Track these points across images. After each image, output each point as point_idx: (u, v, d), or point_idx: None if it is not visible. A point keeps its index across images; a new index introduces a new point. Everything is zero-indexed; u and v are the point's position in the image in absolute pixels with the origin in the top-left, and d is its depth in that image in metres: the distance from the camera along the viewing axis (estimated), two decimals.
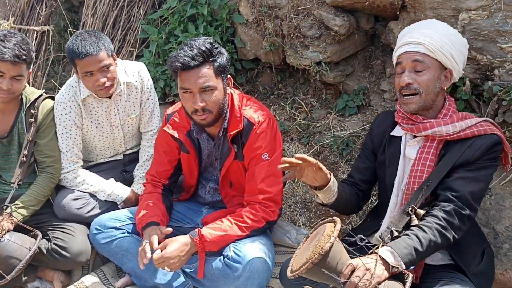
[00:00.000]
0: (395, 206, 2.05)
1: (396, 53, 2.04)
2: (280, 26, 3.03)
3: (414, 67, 1.95)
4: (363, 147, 2.26)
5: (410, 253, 1.73)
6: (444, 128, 1.93)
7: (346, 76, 3.05)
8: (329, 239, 1.62)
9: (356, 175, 2.22)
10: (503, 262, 2.31)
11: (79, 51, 2.36)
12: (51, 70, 4.04)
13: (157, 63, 3.43)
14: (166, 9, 3.36)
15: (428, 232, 1.78)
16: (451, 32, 2.01)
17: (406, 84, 1.95)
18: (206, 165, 2.44)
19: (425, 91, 1.94)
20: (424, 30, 1.98)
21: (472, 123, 1.93)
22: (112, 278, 2.46)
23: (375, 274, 1.63)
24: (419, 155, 1.99)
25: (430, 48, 1.92)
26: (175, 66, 2.09)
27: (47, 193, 2.52)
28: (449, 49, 1.94)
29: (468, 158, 1.88)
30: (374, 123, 2.24)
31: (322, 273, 1.64)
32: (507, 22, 2.17)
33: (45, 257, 2.39)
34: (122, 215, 2.44)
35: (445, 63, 1.95)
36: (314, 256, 1.60)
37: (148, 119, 2.76)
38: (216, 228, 2.16)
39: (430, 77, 1.93)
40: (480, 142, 1.89)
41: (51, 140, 2.56)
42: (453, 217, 1.82)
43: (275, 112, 3.28)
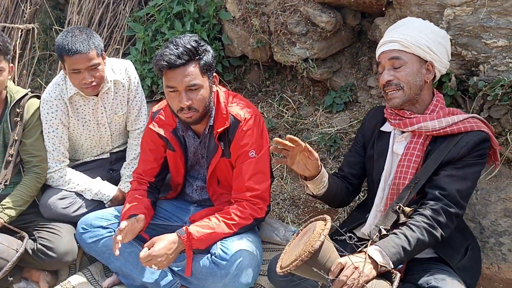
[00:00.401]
0: (381, 201, 2.07)
1: (377, 54, 2.08)
2: (267, 23, 3.03)
3: (392, 64, 1.99)
4: (354, 141, 2.28)
5: (398, 252, 1.74)
6: (430, 123, 1.94)
7: (333, 73, 3.06)
8: (319, 237, 1.62)
9: (346, 169, 2.25)
10: (489, 256, 2.33)
11: (69, 47, 2.34)
12: (37, 68, 3.99)
13: (143, 61, 3.40)
14: (153, 6, 3.34)
15: (416, 231, 1.79)
16: (426, 25, 2.04)
17: (386, 81, 1.99)
18: (193, 163, 2.43)
19: (406, 85, 1.97)
20: (399, 28, 2.03)
21: (459, 119, 1.94)
22: (99, 277, 2.44)
23: (363, 273, 1.64)
24: (406, 151, 2.00)
25: (405, 43, 1.96)
26: (160, 65, 2.07)
27: (34, 193, 2.49)
28: (425, 41, 1.96)
29: (455, 155, 1.89)
30: (366, 118, 2.27)
31: (311, 271, 1.65)
32: (491, 18, 2.18)
33: (31, 258, 2.37)
34: (108, 214, 2.42)
35: (423, 56, 1.98)
36: (304, 254, 1.61)
37: (135, 117, 2.74)
38: (203, 226, 2.15)
39: (408, 71, 1.97)
40: (467, 139, 1.90)
41: (38, 139, 2.53)
42: (441, 215, 1.83)
43: (263, 109, 3.28)
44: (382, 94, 2.82)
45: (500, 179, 2.38)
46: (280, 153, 1.88)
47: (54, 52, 3.92)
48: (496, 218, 2.35)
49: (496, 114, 2.38)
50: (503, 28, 2.21)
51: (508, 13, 2.16)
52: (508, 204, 2.33)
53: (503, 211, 2.34)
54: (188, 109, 2.11)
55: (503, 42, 2.23)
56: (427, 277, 1.82)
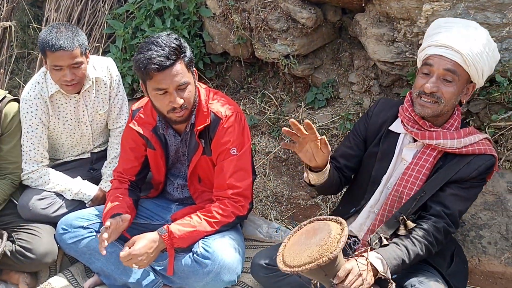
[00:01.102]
0: (376, 203, 2.04)
1: (428, 51, 1.91)
2: (247, 19, 3.01)
3: (444, 75, 1.84)
4: (354, 133, 2.16)
5: (398, 265, 1.76)
6: (449, 142, 1.89)
7: (314, 69, 3.06)
8: (338, 243, 1.58)
9: (343, 161, 2.15)
10: (469, 249, 2.36)
11: (53, 43, 2.30)
12: (15, 67, 3.92)
13: (124, 59, 3.36)
14: (132, 3, 3.30)
15: (417, 245, 1.81)
16: (491, 46, 1.91)
17: (430, 91, 1.85)
18: (174, 161, 2.41)
19: (445, 103, 1.87)
20: (464, 38, 1.85)
21: (475, 140, 1.91)
22: (80, 278, 2.41)
23: (366, 280, 1.66)
24: (415, 160, 1.96)
25: (467, 61, 1.82)
26: (150, 69, 1.99)
27: (7, 197, 2.47)
28: (483, 65, 1.86)
29: (464, 176, 1.89)
30: (373, 111, 2.13)
31: (320, 275, 1.63)
32: (469, 13, 2.20)
33: (9, 260, 2.33)
34: (89, 214, 2.39)
35: (473, 77, 1.88)
36: (322, 259, 1.56)
37: (116, 115, 2.71)
38: (185, 224, 2.14)
39: (456, 90, 1.86)
40: (479, 162, 1.88)
41: (15, 146, 2.47)
42: (441, 234, 1.85)
43: (245, 106, 3.27)
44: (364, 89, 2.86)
45: None
46: (291, 136, 1.76)
47: (33, 51, 3.85)
48: (476, 212, 2.38)
49: (474, 108, 2.41)
50: (480, 23, 2.21)
51: (485, 8, 2.18)
52: (488, 198, 2.36)
53: (483, 204, 2.37)
54: (181, 108, 2.09)
55: None
56: (411, 279, 1.84)
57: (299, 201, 2.88)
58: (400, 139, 2.01)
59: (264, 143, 3.09)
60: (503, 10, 2.16)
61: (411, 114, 1.96)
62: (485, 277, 2.33)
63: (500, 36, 2.20)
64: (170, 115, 2.12)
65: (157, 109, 2.16)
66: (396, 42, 2.53)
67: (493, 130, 2.36)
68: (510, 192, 2.34)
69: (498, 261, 2.30)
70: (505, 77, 2.24)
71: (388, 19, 2.57)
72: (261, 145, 3.09)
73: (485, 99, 2.35)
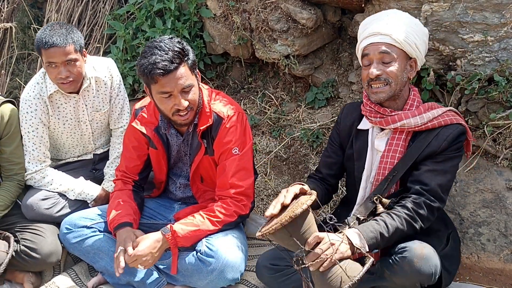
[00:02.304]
0: (363, 199, 2.08)
1: (362, 45, 2.04)
2: (248, 20, 3.03)
3: (381, 58, 1.95)
4: (330, 142, 2.26)
5: (375, 237, 1.78)
6: (412, 120, 1.96)
7: (314, 69, 3.08)
8: (302, 205, 1.64)
9: (324, 171, 2.24)
10: (468, 246, 2.38)
11: (46, 40, 2.33)
12: (15, 68, 3.93)
13: (125, 59, 3.38)
14: (133, 4, 3.32)
15: (396, 219, 1.83)
16: (414, 22, 2.03)
17: (375, 75, 1.95)
18: (176, 161, 2.43)
19: (394, 81, 1.95)
20: (388, 20, 1.99)
21: (438, 113, 1.97)
22: (84, 277, 2.43)
23: (338, 250, 1.68)
24: (388, 147, 2.01)
25: (397, 39, 1.93)
26: (156, 73, 2.02)
27: (15, 198, 2.49)
28: (414, 39, 1.96)
29: (435, 149, 1.92)
30: (340, 117, 2.24)
31: (288, 238, 1.67)
32: (467, 13, 2.23)
33: (14, 260, 2.33)
34: (92, 213, 2.41)
35: (410, 53, 1.97)
36: (285, 219, 1.62)
37: (118, 116, 2.73)
38: (188, 224, 2.16)
39: (398, 67, 1.95)
40: (447, 132, 1.93)
41: (18, 146, 2.49)
42: (423, 208, 1.87)
43: (246, 106, 3.29)
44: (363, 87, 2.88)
45: (479, 171, 2.43)
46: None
47: (33, 51, 3.87)
48: (475, 209, 2.40)
49: (473, 107, 2.43)
50: (479, 23, 2.26)
51: (483, 9, 2.21)
52: (486, 195, 2.39)
53: (482, 202, 2.39)
54: (185, 110, 2.11)
55: (479, 37, 2.28)
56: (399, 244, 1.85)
57: None
58: (370, 134, 2.09)
59: (264, 143, 3.12)
60: (501, 10, 2.19)
61: (371, 106, 2.04)
62: (484, 274, 2.35)
63: (498, 36, 2.23)
64: (175, 117, 2.14)
65: (162, 112, 2.18)
66: None
67: (491, 129, 2.39)
68: (509, 189, 2.36)
69: (497, 258, 2.33)
70: (503, 77, 2.27)
71: None
72: (262, 145, 3.11)
73: (483, 98, 2.37)
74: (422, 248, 1.77)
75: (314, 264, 1.68)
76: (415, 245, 1.77)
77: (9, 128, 2.46)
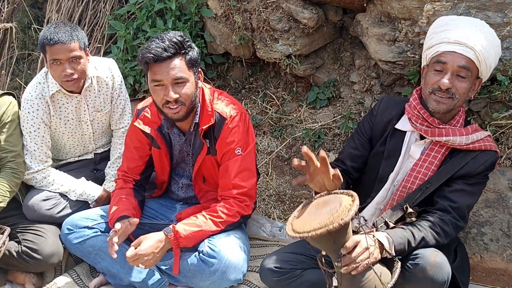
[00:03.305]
0: (383, 200, 2.05)
1: (439, 48, 1.90)
2: (249, 19, 3.03)
3: (458, 72, 1.85)
4: (359, 133, 2.15)
5: (403, 243, 1.78)
6: (458, 138, 1.92)
7: (316, 69, 3.08)
8: (349, 211, 1.59)
9: (349, 163, 2.15)
10: (471, 246, 2.38)
11: (51, 37, 2.34)
12: (16, 68, 3.92)
13: (126, 59, 3.37)
14: (133, 4, 3.31)
15: (422, 231, 1.84)
16: (497, 43, 1.94)
17: (446, 88, 1.85)
18: (178, 161, 2.42)
19: (459, 98, 1.88)
20: (478, 34, 1.86)
21: (480, 137, 1.94)
22: (86, 278, 2.42)
23: (373, 254, 1.68)
24: (424, 157, 1.98)
25: (480, 57, 1.84)
26: (147, 58, 2.05)
27: (12, 189, 2.42)
28: (492, 61, 1.89)
29: (471, 171, 1.92)
30: (377, 110, 2.12)
31: (330, 243, 1.64)
32: (470, 12, 2.23)
33: (15, 260, 2.33)
34: (94, 214, 2.40)
35: (482, 73, 1.90)
36: (332, 225, 1.55)
37: (119, 116, 2.72)
38: (190, 224, 2.15)
39: (469, 85, 1.87)
40: (485, 158, 1.92)
41: (12, 135, 2.46)
42: (449, 226, 1.88)
43: (247, 106, 3.28)
44: (365, 88, 2.88)
45: None
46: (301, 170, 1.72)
47: (33, 52, 3.86)
48: (478, 209, 2.40)
49: (476, 107, 2.43)
50: None
51: (486, 8, 2.21)
52: (489, 195, 2.39)
53: (484, 201, 2.39)
54: (176, 102, 2.10)
55: None
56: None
57: (302, 200, 2.90)
58: (407, 137, 2.02)
59: (266, 143, 3.11)
60: (504, 9, 2.19)
61: (419, 112, 1.96)
62: (487, 274, 2.35)
63: (501, 35, 2.23)
64: (165, 110, 2.13)
65: (154, 103, 2.18)
66: (397, 41, 2.55)
67: (494, 128, 2.39)
68: (511, 189, 2.36)
69: (500, 258, 2.33)
70: (506, 76, 2.27)
71: (389, 19, 2.59)
72: (263, 145, 3.11)
73: (486, 97, 2.37)
74: (435, 255, 1.76)
75: (350, 268, 1.65)
76: (427, 252, 1.77)
77: (4, 117, 2.43)
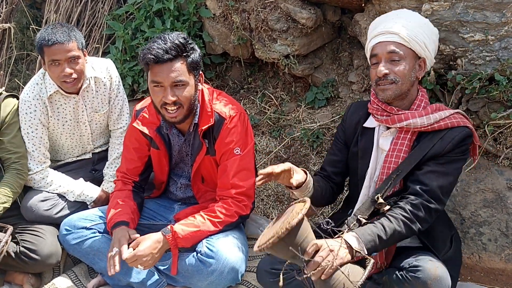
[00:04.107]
0: (365, 198, 2.06)
1: (370, 44, 2.03)
2: (247, 19, 3.03)
3: (390, 57, 1.94)
4: (335, 139, 2.25)
5: (373, 240, 1.77)
6: (419, 120, 1.94)
7: (314, 69, 3.08)
8: (297, 215, 1.63)
9: (329, 168, 2.22)
10: (469, 246, 2.38)
11: (49, 38, 2.34)
12: (14, 69, 3.92)
13: (124, 60, 3.37)
14: (132, 4, 3.31)
15: (393, 222, 1.82)
16: (424, 21, 2.03)
17: (383, 74, 1.94)
18: (177, 161, 2.42)
19: (401, 80, 1.94)
20: (397, 20, 1.98)
21: (445, 115, 1.95)
22: (84, 278, 2.42)
23: (338, 255, 1.67)
24: (392, 146, 2.00)
25: (406, 37, 1.93)
26: (148, 58, 2.05)
27: (17, 190, 2.44)
28: (423, 38, 1.95)
29: (440, 151, 1.91)
30: (346, 115, 2.23)
31: (287, 250, 1.65)
32: (468, 12, 2.23)
33: (13, 261, 2.33)
34: (92, 214, 2.40)
35: (419, 52, 1.96)
36: (281, 231, 1.60)
37: (117, 117, 2.72)
38: (188, 224, 2.15)
39: (406, 66, 1.94)
40: (452, 135, 1.91)
41: (15, 136, 2.48)
42: (420, 210, 1.86)
43: (245, 106, 3.28)
44: (364, 88, 2.88)
45: (479, 171, 2.43)
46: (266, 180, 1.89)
47: (32, 52, 3.86)
48: (476, 209, 2.40)
49: (474, 107, 2.43)
50: (479, 22, 2.25)
51: (484, 8, 2.21)
52: (487, 195, 2.39)
53: (483, 201, 2.39)
54: (174, 105, 2.10)
55: (480, 36, 2.27)
56: (409, 260, 1.85)
57: None
58: (376, 132, 2.08)
59: (264, 143, 3.11)
60: (502, 9, 2.19)
61: (378, 104, 2.03)
62: (486, 274, 2.35)
63: (499, 35, 2.23)
64: (163, 111, 2.13)
65: (153, 104, 2.18)
66: None
67: (492, 128, 2.39)
68: (510, 189, 2.36)
69: (499, 257, 2.32)
70: (504, 76, 2.27)
71: None
72: (262, 145, 3.11)
73: (484, 97, 2.37)
74: (436, 268, 1.76)
75: (316, 273, 1.66)
76: (428, 265, 1.77)
77: (8, 119, 2.46)
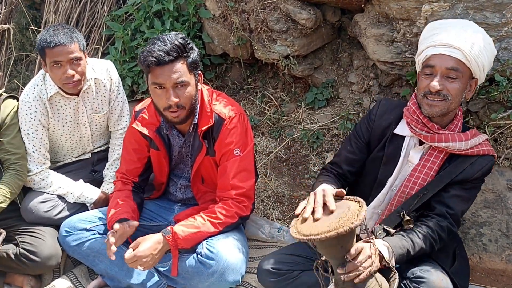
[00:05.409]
0: (380, 204, 2.05)
1: (427, 52, 1.91)
2: (247, 20, 3.02)
3: (447, 73, 1.85)
4: (356, 137, 2.13)
5: (402, 254, 1.79)
6: (457, 144, 1.91)
7: (314, 69, 3.07)
8: (358, 216, 1.60)
9: (346, 167, 2.13)
10: (470, 247, 2.38)
11: (51, 39, 2.34)
12: (14, 69, 3.92)
13: (123, 60, 3.36)
14: (131, 5, 3.30)
15: (422, 239, 1.85)
16: (488, 41, 1.92)
17: (437, 91, 1.85)
18: (177, 162, 2.42)
19: (452, 99, 1.86)
20: (462, 34, 1.87)
21: (478, 142, 1.94)
22: (84, 280, 2.42)
23: (374, 263, 1.67)
24: (422, 162, 1.97)
25: (468, 56, 1.83)
26: (149, 61, 2.04)
27: (15, 191, 2.43)
28: (483, 59, 1.87)
29: (468, 176, 1.92)
30: (375, 114, 2.09)
31: (335, 246, 1.64)
32: (468, 13, 2.22)
33: (13, 263, 2.33)
34: (92, 216, 2.40)
35: (475, 73, 1.89)
36: (343, 228, 1.56)
37: (117, 118, 2.72)
38: (188, 225, 2.15)
39: (460, 86, 1.86)
40: (483, 163, 1.92)
41: (15, 137, 2.47)
42: (444, 232, 1.89)
43: (245, 107, 3.28)
44: (363, 89, 2.88)
45: None
46: None
47: (31, 53, 3.85)
48: (476, 210, 2.40)
49: (474, 107, 2.43)
50: (479, 23, 2.24)
51: (484, 8, 2.20)
52: (488, 196, 2.39)
53: (483, 202, 2.39)
54: (176, 107, 2.10)
55: None
56: (413, 269, 1.86)
57: (301, 201, 2.89)
58: (406, 142, 2.01)
59: (264, 144, 3.11)
60: (502, 10, 2.19)
61: (419, 117, 1.94)
62: (486, 275, 2.35)
63: (499, 35, 2.23)
64: (166, 113, 2.13)
65: (155, 106, 2.17)
66: (395, 42, 2.55)
67: (492, 129, 2.39)
68: (510, 190, 2.36)
69: (499, 258, 2.32)
70: (504, 76, 2.27)
71: (388, 19, 2.59)
72: (262, 146, 3.10)
73: (484, 98, 2.37)
74: (440, 281, 1.78)
75: (353, 275, 1.64)
76: (433, 277, 1.78)
77: (8, 120, 2.45)
